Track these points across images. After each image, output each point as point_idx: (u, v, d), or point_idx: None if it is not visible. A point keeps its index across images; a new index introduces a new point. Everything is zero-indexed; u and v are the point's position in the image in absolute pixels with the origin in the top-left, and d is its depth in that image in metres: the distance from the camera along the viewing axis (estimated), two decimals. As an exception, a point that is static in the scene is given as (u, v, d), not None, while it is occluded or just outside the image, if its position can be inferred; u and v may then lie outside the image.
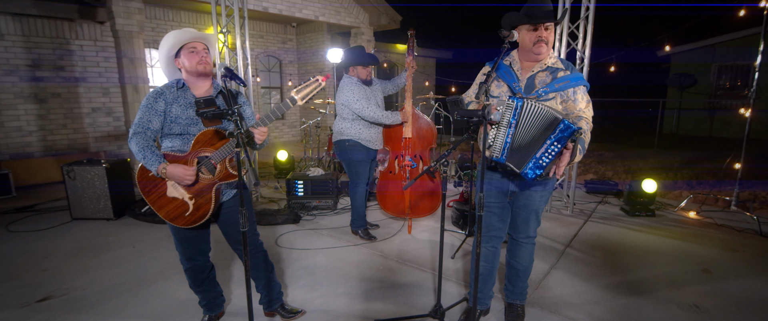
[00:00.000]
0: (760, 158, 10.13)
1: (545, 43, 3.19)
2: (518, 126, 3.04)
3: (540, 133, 3.01)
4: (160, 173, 3.12)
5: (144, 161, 3.14)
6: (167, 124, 3.24)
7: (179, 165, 3.11)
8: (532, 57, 3.29)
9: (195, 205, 3.23)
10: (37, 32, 9.85)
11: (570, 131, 2.92)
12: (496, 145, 3.11)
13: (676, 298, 4.33)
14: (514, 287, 3.90)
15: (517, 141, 3.07)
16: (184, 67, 3.23)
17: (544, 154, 3.00)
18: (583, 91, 3.28)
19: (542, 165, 3.02)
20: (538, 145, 3.02)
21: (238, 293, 4.43)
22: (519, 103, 3.00)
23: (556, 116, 2.96)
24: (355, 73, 5.63)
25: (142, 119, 3.17)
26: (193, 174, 3.11)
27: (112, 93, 11.13)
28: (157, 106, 3.20)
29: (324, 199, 7.29)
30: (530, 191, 3.46)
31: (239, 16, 7.16)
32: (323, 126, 13.19)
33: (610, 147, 14.87)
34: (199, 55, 3.19)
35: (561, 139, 2.94)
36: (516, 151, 3.10)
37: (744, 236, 6.11)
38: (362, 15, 14.24)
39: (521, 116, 3.01)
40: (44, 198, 8.15)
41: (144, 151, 3.12)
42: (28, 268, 5.04)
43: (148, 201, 3.29)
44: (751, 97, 6.93)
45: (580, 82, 3.25)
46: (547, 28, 3.19)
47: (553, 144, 2.96)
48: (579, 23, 6.82)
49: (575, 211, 7.22)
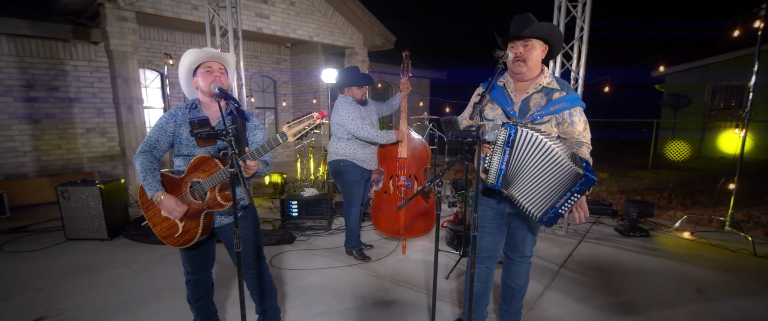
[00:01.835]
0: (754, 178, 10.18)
1: (523, 61, 3.15)
2: (513, 153, 2.96)
3: (555, 180, 2.92)
4: (154, 201, 3.15)
5: (143, 183, 3.16)
6: (176, 145, 3.29)
7: (172, 198, 3.13)
8: (514, 76, 3.27)
9: (184, 228, 3.23)
10: (32, 52, 9.87)
11: (590, 184, 2.86)
12: (491, 170, 3.05)
13: (670, 318, 4.33)
14: (510, 307, 3.89)
15: (511, 169, 3.00)
16: (199, 87, 3.27)
17: (564, 204, 2.94)
18: (579, 113, 3.23)
19: (561, 214, 2.98)
20: (553, 191, 2.94)
21: (232, 314, 4.41)
22: (512, 130, 2.91)
23: (577, 171, 2.84)
24: (350, 93, 5.68)
25: (150, 138, 3.23)
26: (181, 213, 3.13)
27: (106, 113, 11.12)
28: (167, 126, 3.25)
29: (318, 219, 7.27)
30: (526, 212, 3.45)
31: (234, 37, 7.19)
32: (318, 146, 13.20)
33: (605, 167, 14.92)
34: (213, 75, 3.21)
35: (582, 191, 2.89)
36: (512, 180, 3.04)
37: (738, 256, 6.12)
38: (356, 35, 14.30)
39: (516, 144, 2.92)
40: (38, 218, 8.12)
41: (145, 173, 3.15)
42: (23, 289, 5.01)
43: (146, 217, 3.35)
44: (745, 118, 6.97)
45: (576, 103, 3.19)
46: (527, 46, 3.15)
47: (572, 195, 2.90)
48: (573, 43, 6.88)
49: (569, 232, 7.23)
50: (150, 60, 12.31)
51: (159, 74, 12.76)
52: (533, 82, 3.27)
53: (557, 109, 3.17)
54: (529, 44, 3.14)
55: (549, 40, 3.17)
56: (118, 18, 8.91)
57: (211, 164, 3.07)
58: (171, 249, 6.22)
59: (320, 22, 13.07)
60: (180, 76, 3.31)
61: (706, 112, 18.95)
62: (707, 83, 18.84)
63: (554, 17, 6.78)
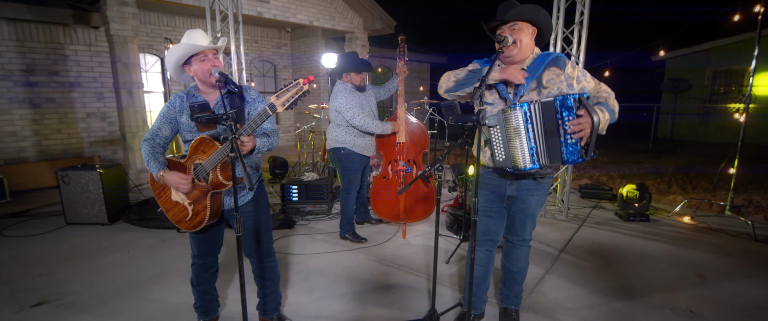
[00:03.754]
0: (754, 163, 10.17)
1: (514, 43, 3.13)
2: (535, 128, 2.99)
3: (548, 123, 2.97)
4: (158, 179, 3.20)
5: (148, 166, 3.22)
6: (180, 132, 3.35)
7: (175, 172, 3.16)
8: (505, 59, 3.26)
9: (193, 211, 3.26)
10: (32, 37, 9.85)
11: (570, 100, 2.88)
12: (520, 156, 3.05)
13: (671, 302, 4.34)
14: (510, 291, 3.90)
15: (539, 144, 3.02)
16: (196, 75, 3.25)
17: (568, 136, 2.94)
18: (582, 75, 3.24)
19: (575, 141, 2.96)
20: (553, 133, 2.97)
21: (233, 298, 4.42)
22: (524, 107, 2.96)
23: (548, 100, 2.92)
24: (348, 79, 5.68)
25: (154, 126, 3.30)
26: (187, 182, 3.14)
27: (106, 98, 11.12)
28: (168, 114, 3.30)
29: (318, 203, 7.27)
30: (526, 195, 3.46)
31: (234, 21, 7.16)
32: (318, 131, 13.18)
33: (605, 152, 14.90)
34: (210, 62, 3.20)
35: (569, 111, 2.90)
36: (542, 152, 3.05)
37: (738, 241, 6.12)
38: (357, 20, 14.24)
39: (534, 119, 2.97)
40: (39, 203, 8.13)
41: (149, 157, 3.21)
42: (23, 273, 5.02)
43: (159, 203, 3.44)
44: (746, 102, 6.95)
45: (549, 59, 3.20)
46: (514, 29, 3.14)
47: (565, 122, 2.91)
48: (573, 28, 6.84)
49: (570, 216, 7.24)
50: (150, 44, 12.29)
51: (159, 59, 12.73)
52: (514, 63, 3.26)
53: (536, 72, 3.17)
54: (516, 27, 3.14)
55: (535, 22, 3.17)
56: (118, 2, 8.89)
57: (210, 144, 3.07)
58: (171, 233, 6.23)
59: (320, 7, 13.02)
60: (169, 68, 3.30)
61: (707, 97, 18.91)
62: (707, 68, 18.77)
63: (554, 1, 6.73)
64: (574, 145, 2.97)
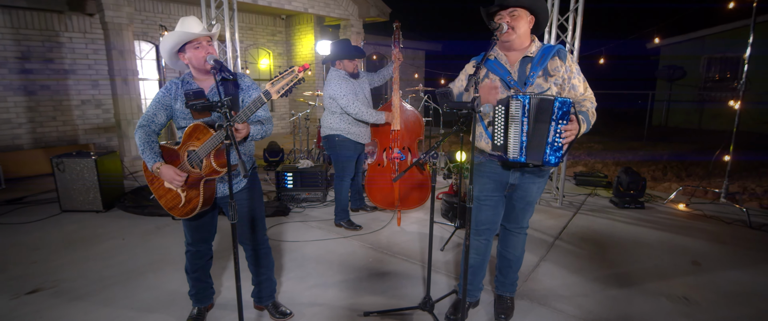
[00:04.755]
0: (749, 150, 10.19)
1: (512, 29, 3.14)
2: (529, 122, 2.99)
3: (541, 119, 2.97)
4: (154, 171, 3.20)
5: (143, 156, 3.22)
6: (175, 118, 3.33)
7: (171, 167, 3.15)
8: (504, 46, 3.28)
9: (186, 198, 3.25)
10: (27, 24, 9.80)
11: (568, 104, 2.91)
12: (510, 145, 3.06)
13: (666, 290, 4.36)
14: (506, 278, 3.90)
15: (531, 138, 3.02)
16: (190, 62, 3.24)
17: (556, 137, 2.97)
18: (577, 73, 3.27)
19: (559, 146, 3.01)
20: (544, 131, 2.98)
21: (228, 286, 4.42)
22: (526, 99, 2.96)
23: (549, 98, 2.93)
24: (341, 66, 5.67)
25: (148, 112, 3.27)
26: (181, 181, 3.13)
27: (101, 85, 11.07)
28: (163, 100, 3.28)
29: (313, 191, 7.27)
30: (529, 183, 3.46)
31: (228, 8, 7.14)
32: (312, 118, 13.17)
33: (600, 139, 14.91)
34: (204, 50, 3.18)
35: (565, 116, 2.93)
36: (530, 146, 3.06)
37: (733, 228, 6.15)
38: (351, 7, 14.19)
39: (531, 111, 2.97)
40: (33, 190, 8.10)
41: (144, 146, 3.20)
42: (18, 261, 5.01)
43: (152, 190, 3.41)
44: (740, 89, 6.94)
45: (554, 50, 3.23)
46: (513, 15, 3.15)
47: (558, 123, 2.94)
48: (568, 15, 6.83)
49: (565, 203, 7.25)
50: (145, 32, 12.23)
51: (154, 46, 12.67)
52: (524, 52, 3.26)
53: (542, 62, 3.19)
54: (516, 13, 3.15)
55: (534, 10, 3.19)
56: (112, -11, 8.84)
57: (203, 131, 3.06)
58: (166, 221, 6.22)
59: (315, -7, 12.99)
60: (164, 56, 3.29)
61: (701, 84, 18.92)
62: (702, 55, 18.78)
63: (550, -12, 6.72)
64: (559, 147, 3.02)
